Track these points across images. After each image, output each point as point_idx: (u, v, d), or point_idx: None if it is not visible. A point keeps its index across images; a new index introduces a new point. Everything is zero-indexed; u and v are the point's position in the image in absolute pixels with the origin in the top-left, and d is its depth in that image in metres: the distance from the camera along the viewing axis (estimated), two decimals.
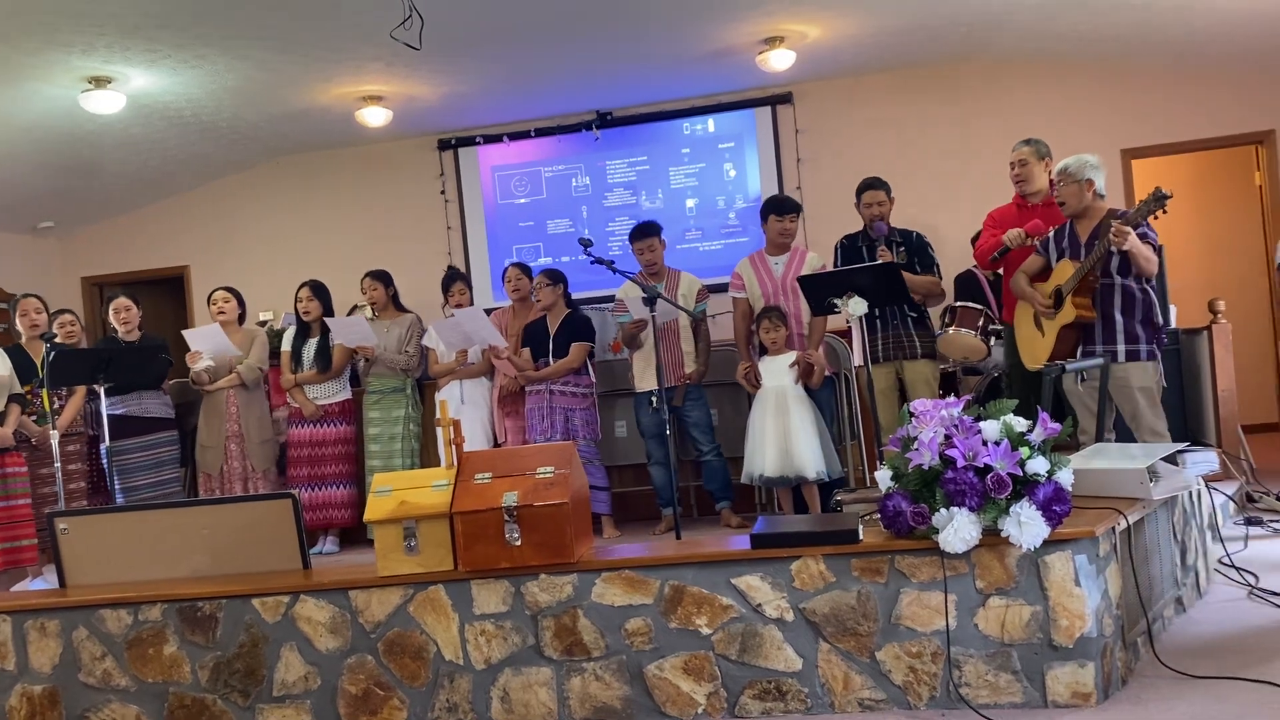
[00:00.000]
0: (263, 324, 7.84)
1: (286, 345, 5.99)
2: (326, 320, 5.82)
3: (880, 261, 4.96)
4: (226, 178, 8.59)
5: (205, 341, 5.71)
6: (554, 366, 5.47)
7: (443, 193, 8.31)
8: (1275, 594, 3.64)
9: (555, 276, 5.67)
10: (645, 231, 5.57)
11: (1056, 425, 2.90)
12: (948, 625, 2.90)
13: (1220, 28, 6.49)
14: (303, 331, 5.95)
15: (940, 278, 5.19)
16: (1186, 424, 5.38)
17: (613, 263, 4.97)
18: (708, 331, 5.61)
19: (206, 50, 6.00)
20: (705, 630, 3.05)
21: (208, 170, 8.38)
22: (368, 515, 3.20)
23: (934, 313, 5.46)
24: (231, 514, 3.62)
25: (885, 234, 5.08)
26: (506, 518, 3.07)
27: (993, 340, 5.35)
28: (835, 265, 5.21)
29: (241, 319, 6.02)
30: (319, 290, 5.95)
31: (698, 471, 5.72)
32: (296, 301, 5.97)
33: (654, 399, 4.80)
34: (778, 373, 5.06)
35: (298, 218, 8.51)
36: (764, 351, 5.17)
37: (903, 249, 5.11)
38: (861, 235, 5.21)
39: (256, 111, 7.23)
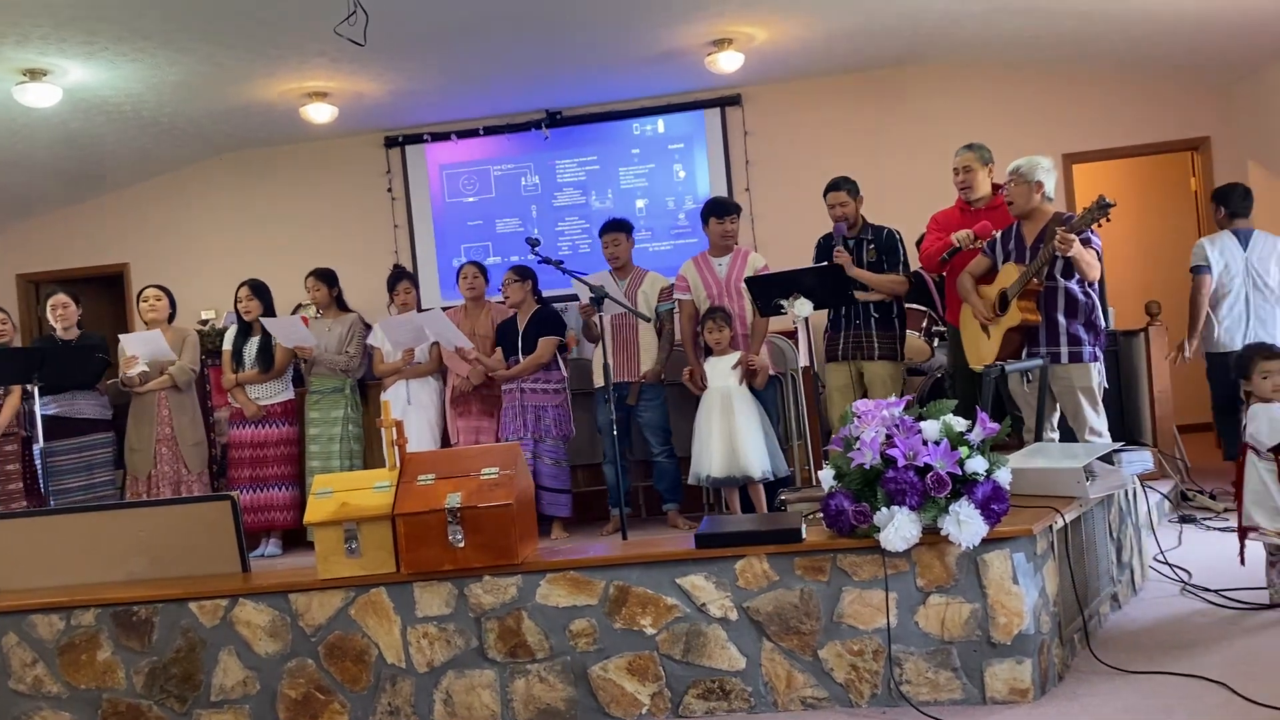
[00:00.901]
0: (204, 323, 7.71)
1: (228, 345, 5.89)
2: (263, 321, 5.72)
3: (825, 263, 5.00)
4: (168, 174, 8.43)
5: (143, 346, 5.58)
6: (523, 364, 5.42)
7: (389, 190, 8.23)
8: (1207, 590, 3.73)
9: (524, 273, 5.63)
10: (612, 226, 5.60)
11: (995, 425, 2.94)
12: (889, 623, 2.93)
13: (1159, 36, 6.63)
14: (244, 331, 5.86)
15: (909, 276, 5.21)
16: (1124, 424, 5.49)
17: (561, 262, 4.96)
18: (671, 331, 5.59)
19: (146, 44, 5.88)
20: (650, 630, 3.05)
21: (148, 166, 8.21)
22: (307, 518, 3.16)
23: None
24: (168, 516, 3.56)
25: (845, 234, 5.10)
26: (450, 519, 3.05)
27: (936, 341, 5.42)
28: (813, 263, 5.23)
29: (171, 318, 5.89)
30: (259, 289, 5.85)
31: (649, 472, 5.71)
32: (236, 301, 5.87)
33: (608, 396, 4.79)
34: (722, 373, 5.08)
35: (241, 215, 8.38)
36: (709, 352, 5.19)
37: (873, 246, 5.14)
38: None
39: (198, 107, 7.10)
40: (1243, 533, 3.58)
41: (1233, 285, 5.51)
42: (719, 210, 5.39)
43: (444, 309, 5.85)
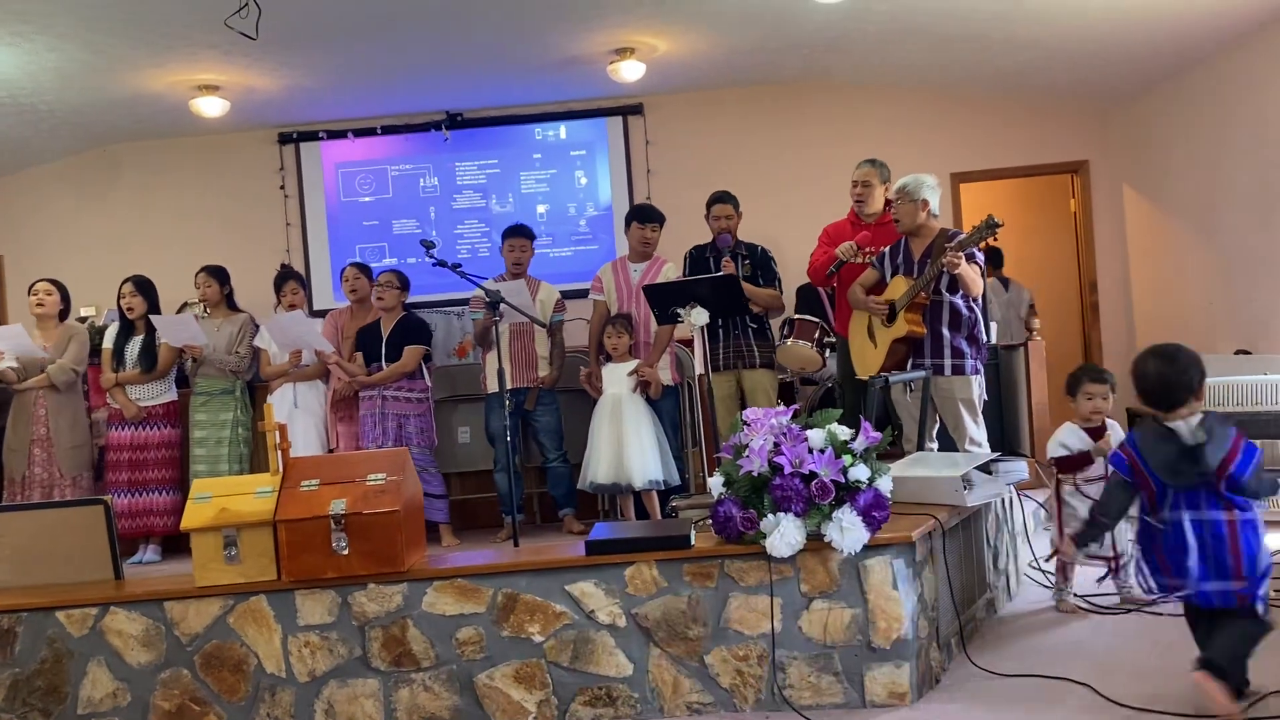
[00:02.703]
0: (84, 320, 7.40)
1: (108, 343, 5.66)
2: (152, 318, 5.53)
3: (721, 273, 5.07)
4: (47, 164, 8.06)
5: (6, 341, 5.33)
6: (386, 371, 5.34)
7: (282, 188, 8.02)
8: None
9: (404, 281, 5.55)
10: (517, 231, 5.56)
11: (878, 434, 3.02)
12: (773, 628, 2.97)
13: (1043, 63, 6.91)
14: (126, 329, 5.64)
15: (781, 291, 5.34)
16: (1002, 434, 5.69)
17: (458, 265, 4.90)
18: (563, 341, 5.61)
19: (23, 28, 5.62)
20: (538, 638, 3.04)
21: (25, 155, 7.84)
22: (185, 523, 3.06)
23: (774, 324, 5.60)
24: (37, 521, 3.41)
25: (731, 245, 5.18)
26: (334, 526, 2.99)
27: (828, 352, 5.54)
28: (684, 275, 5.29)
29: (64, 314, 5.66)
30: (143, 286, 5.64)
31: (544, 478, 5.69)
32: (120, 297, 5.65)
33: (503, 402, 4.76)
34: (617, 380, 5.11)
35: (125, 209, 8.06)
36: (608, 358, 5.22)
37: (748, 261, 5.23)
38: (710, 247, 5.31)
39: (80, 96, 6.82)
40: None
41: (997, 316, 7.26)
42: (641, 216, 5.46)
43: (325, 311, 5.73)
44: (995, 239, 4.27)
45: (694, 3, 6.08)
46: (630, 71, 6.91)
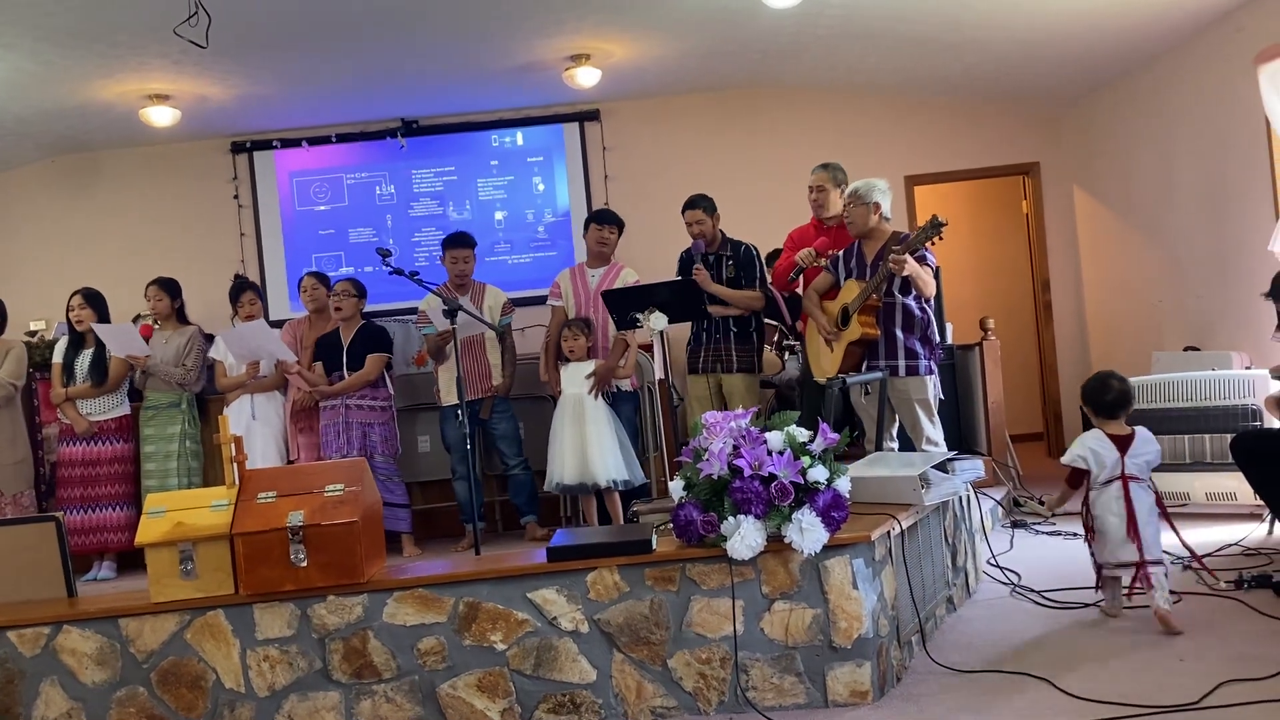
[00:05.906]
0: (33, 334, 7.28)
1: (58, 357, 5.57)
2: (95, 326, 5.43)
3: (680, 278, 5.09)
4: None
5: None
6: (350, 380, 5.31)
7: (236, 197, 7.94)
8: (1034, 591, 3.94)
9: (360, 288, 5.52)
10: (460, 241, 5.53)
11: (835, 435, 3.04)
12: (735, 630, 2.99)
13: (993, 66, 7.01)
14: (76, 342, 5.55)
15: (764, 291, 5.30)
16: (960, 433, 5.75)
17: (416, 273, 4.88)
18: (513, 344, 5.61)
19: None
20: (500, 646, 3.03)
21: None
22: (139, 538, 3.02)
23: None
24: None
25: (702, 252, 5.17)
26: (292, 538, 2.96)
27: (787, 355, 5.58)
28: (676, 276, 5.28)
29: (0, 329, 5.55)
30: (93, 298, 5.56)
31: (504, 486, 5.68)
32: (68, 310, 5.56)
33: (459, 412, 4.74)
34: (578, 381, 5.12)
35: (75, 221, 7.93)
36: (566, 361, 5.22)
37: (731, 262, 5.21)
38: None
39: (26, 106, 6.70)
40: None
41: None
42: (600, 218, 5.49)
43: (283, 321, 5.67)
44: (941, 238, 4.30)
45: (648, 9, 6.10)
46: (586, 78, 6.92)
